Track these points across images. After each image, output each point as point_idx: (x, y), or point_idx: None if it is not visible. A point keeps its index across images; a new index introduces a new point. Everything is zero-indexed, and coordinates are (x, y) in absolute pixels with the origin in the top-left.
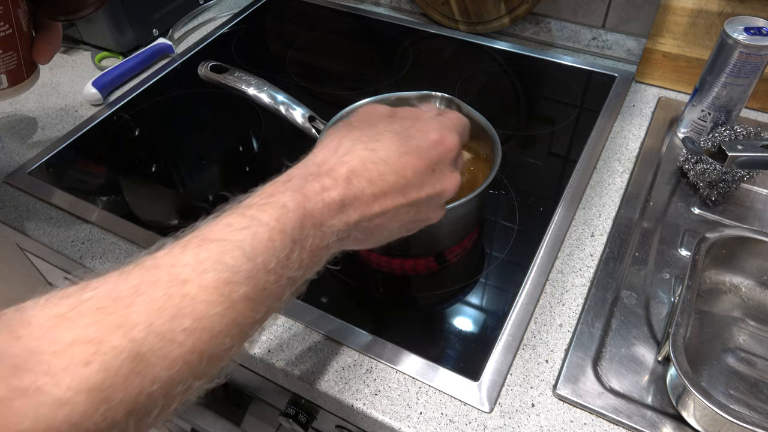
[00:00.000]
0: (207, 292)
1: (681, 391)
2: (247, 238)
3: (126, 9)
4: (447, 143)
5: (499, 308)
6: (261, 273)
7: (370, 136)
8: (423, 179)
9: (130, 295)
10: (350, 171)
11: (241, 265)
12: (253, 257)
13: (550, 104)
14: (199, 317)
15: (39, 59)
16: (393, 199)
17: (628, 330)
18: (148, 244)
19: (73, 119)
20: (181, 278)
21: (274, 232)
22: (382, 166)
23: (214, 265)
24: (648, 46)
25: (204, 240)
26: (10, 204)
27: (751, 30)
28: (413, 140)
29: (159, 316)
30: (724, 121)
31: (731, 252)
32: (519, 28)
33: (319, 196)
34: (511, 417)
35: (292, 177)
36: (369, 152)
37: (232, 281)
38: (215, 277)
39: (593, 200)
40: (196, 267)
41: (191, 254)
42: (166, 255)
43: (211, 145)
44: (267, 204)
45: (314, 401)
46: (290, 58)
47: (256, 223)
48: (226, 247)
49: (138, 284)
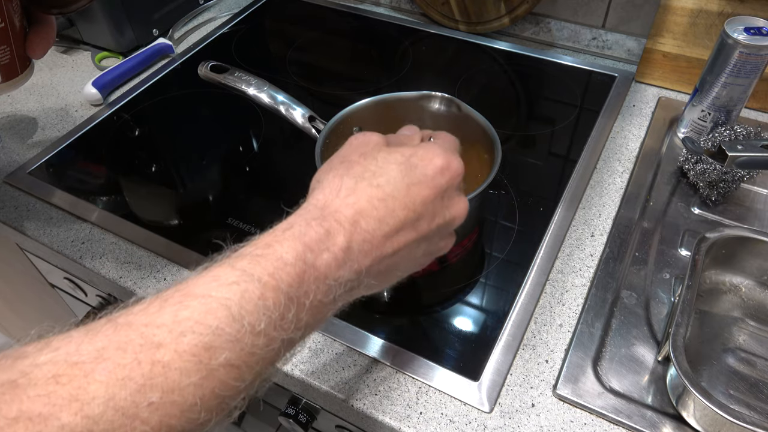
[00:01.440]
0: (182, 359)
1: (681, 391)
2: (234, 295)
3: (126, 9)
4: (453, 168)
5: (499, 308)
6: (248, 336)
7: (373, 171)
8: (433, 209)
9: (93, 360)
10: (357, 212)
11: (225, 326)
12: (240, 318)
13: (550, 104)
14: (170, 389)
15: (33, 54)
16: (405, 235)
17: (628, 330)
18: (148, 244)
19: (73, 119)
20: (154, 341)
21: (267, 289)
22: (390, 201)
23: (194, 327)
24: (648, 46)
25: (186, 295)
26: (10, 204)
27: (751, 30)
28: (418, 169)
29: (122, 388)
30: (724, 121)
31: (731, 252)
32: (519, 28)
33: (323, 245)
34: (511, 417)
35: (292, 224)
36: (375, 189)
37: (213, 346)
38: (194, 341)
39: (593, 200)
40: (173, 328)
41: (170, 312)
42: (143, 312)
43: (211, 145)
44: (261, 256)
45: (314, 401)
46: (290, 58)
47: (247, 278)
48: (210, 305)
49: (103, 347)
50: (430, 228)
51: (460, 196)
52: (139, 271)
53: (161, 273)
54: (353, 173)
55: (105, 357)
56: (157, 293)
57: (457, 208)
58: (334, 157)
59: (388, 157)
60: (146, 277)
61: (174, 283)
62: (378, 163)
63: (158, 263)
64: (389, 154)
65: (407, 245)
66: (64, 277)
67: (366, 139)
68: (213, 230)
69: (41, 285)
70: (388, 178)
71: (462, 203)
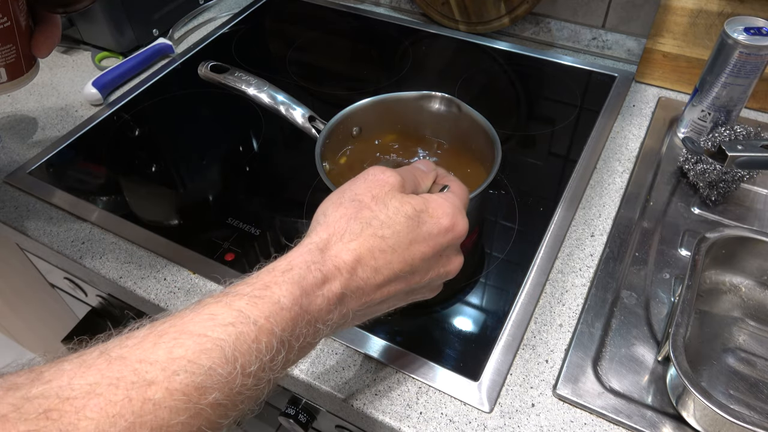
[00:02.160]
0: (173, 397)
1: (681, 391)
2: (230, 336)
3: (126, 9)
4: (458, 229)
5: (499, 308)
6: (239, 377)
7: (381, 221)
8: (429, 265)
9: (84, 395)
10: (356, 260)
11: (218, 367)
12: (233, 360)
13: (550, 104)
14: (159, 426)
15: (38, 53)
16: (396, 285)
17: (628, 330)
18: (148, 244)
19: (73, 119)
20: (147, 378)
21: (262, 333)
22: (389, 254)
23: (187, 366)
24: (648, 46)
25: (182, 332)
26: (10, 204)
27: (751, 30)
28: (425, 226)
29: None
30: (724, 121)
31: (731, 252)
32: (519, 28)
33: (319, 291)
34: (511, 417)
35: (293, 265)
36: (378, 239)
37: (204, 386)
38: (186, 380)
39: (593, 200)
40: (166, 366)
41: (164, 349)
42: (137, 346)
43: (211, 145)
44: (259, 297)
45: (314, 401)
46: (290, 58)
47: (243, 320)
48: (205, 345)
49: (96, 382)
50: (421, 281)
51: (458, 255)
52: (139, 271)
53: (161, 273)
54: (361, 217)
55: (97, 393)
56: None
57: (452, 265)
58: (346, 189)
59: (400, 208)
60: (146, 277)
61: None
62: (388, 213)
63: (158, 263)
64: (401, 205)
65: (396, 294)
66: (64, 277)
67: (383, 178)
68: (213, 230)
69: (41, 285)
70: (393, 231)
71: (457, 261)
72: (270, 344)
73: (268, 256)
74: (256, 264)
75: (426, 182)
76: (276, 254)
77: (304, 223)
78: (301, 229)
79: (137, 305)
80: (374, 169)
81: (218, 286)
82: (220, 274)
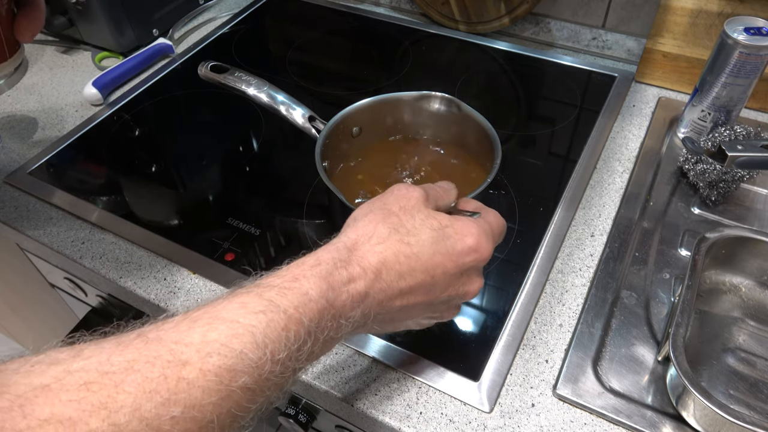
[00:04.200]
0: (206, 378)
1: (681, 391)
2: (260, 323)
3: (126, 9)
4: (482, 251)
5: (499, 308)
6: (268, 363)
7: (408, 229)
8: (450, 281)
9: (123, 371)
10: (381, 262)
11: (249, 352)
12: (264, 345)
13: (550, 104)
14: (192, 405)
15: (21, 37)
16: (417, 296)
17: (628, 330)
18: (148, 244)
19: (73, 119)
20: (182, 359)
21: (291, 322)
22: (414, 261)
23: (220, 349)
24: (648, 46)
25: (215, 318)
26: (10, 204)
27: (751, 30)
28: (449, 240)
29: (149, 400)
30: (724, 121)
31: (731, 252)
32: (519, 28)
33: (344, 287)
34: (511, 417)
35: (321, 261)
36: (404, 245)
37: (235, 369)
38: (218, 362)
39: (593, 200)
40: (200, 348)
41: (199, 333)
42: (173, 329)
43: (211, 145)
44: (289, 289)
45: (314, 401)
46: (290, 58)
47: (273, 308)
48: (237, 330)
49: (134, 359)
50: (440, 297)
51: (479, 277)
52: (139, 271)
53: (161, 273)
54: (389, 223)
55: (135, 369)
56: (186, 311)
57: (472, 286)
58: (376, 200)
59: (426, 221)
60: (146, 277)
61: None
62: (415, 223)
63: (158, 263)
64: (427, 218)
65: (415, 305)
66: (64, 277)
67: (409, 193)
68: (213, 230)
69: (41, 285)
70: (418, 239)
71: (478, 283)
72: (298, 333)
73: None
74: (256, 264)
75: (446, 199)
76: (305, 251)
77: (304, 223)
78: (301, 229)
79: (137, 305)
80: (400, 185)
81: (219, 286)
82: (220, 274)
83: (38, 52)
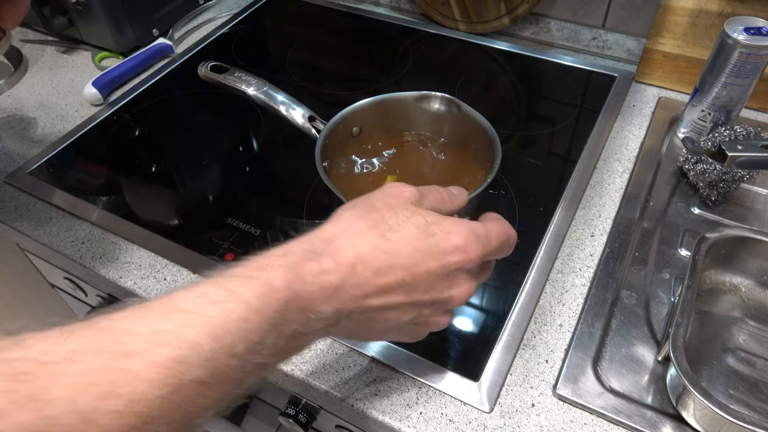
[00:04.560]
0: (153, 370)
1: (681, 391)
2: (219, 314)
3: (126, 9)
4: (469, 252)
5: (499, 308)
6: (224, 356)
7: (389, 225)
8: (432, 282)
9: (62, 361)
10: (357, 256)
11: (204, 344)
12: (220, 337)
13: (550, 104)
14: (137, 399)
15: (4, 24)
16: (396, 296)
17: (628, 330)
18: (148, 244)
19: (73, 119)
20: (129, 349)
21: (252, 312)
22: (393, 257)
23: (171, 340)
24: (648, 46)
25: (170, 308)
26: (10, 204)
27: (751, 30)
28: (433, 238)
29: (86, 393)
30: (724, 121)
31: (731, 252)
32: (519, 28)
33: (314, 279)
34: (511, 417)
35: (290, 251)
36: (383, 240)
37: (187, 361)
38: (169, 353)
39: (593, 200)
40: (151, 339)
41: (150, 323)
42: (123, 318)
43: (211, 145)
44: (253, 278)
45: (314, 401)
46: (290, 58)
47: (234, 298)
48: (192, 320)
49: (76, 349)
50: (422, 299)
51: (468, 282)
52: (139, 271)
53: (161, 273)
54: (370, 218)
55: (75, 360)
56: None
57: (458, 290)
58: (362, 197)
59: (411, 217)
60: (146, 277)
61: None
62: (398, 219)
63: (158, 263)
64: (413, 215)
65: (396, 306)
66: (64, 277)
67: (399, 190)
68: (213, 230)
69: (41, 285)
70: (400, 235)
71: (465, 288)
72: (259, 325)
73: None
74: None
75: (449, 204)
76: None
77: (304, 223)
78: (301, 229)
79: None
80: (393, 184)
81: None
82: None
83: (38, 52)
